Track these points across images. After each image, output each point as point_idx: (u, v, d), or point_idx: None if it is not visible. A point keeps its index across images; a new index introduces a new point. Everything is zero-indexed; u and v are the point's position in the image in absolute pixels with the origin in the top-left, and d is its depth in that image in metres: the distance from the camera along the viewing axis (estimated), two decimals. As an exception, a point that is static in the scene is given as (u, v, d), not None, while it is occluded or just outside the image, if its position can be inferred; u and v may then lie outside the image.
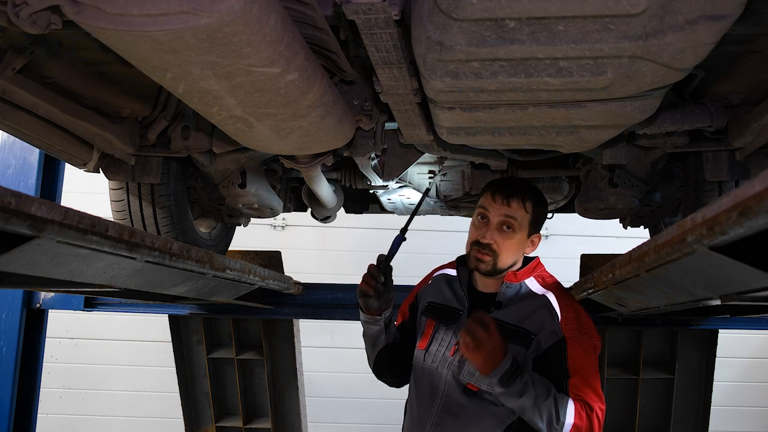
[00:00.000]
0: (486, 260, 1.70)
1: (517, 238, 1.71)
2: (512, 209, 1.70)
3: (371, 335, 1.86)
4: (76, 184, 4.73)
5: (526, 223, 1.71)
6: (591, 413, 1.56)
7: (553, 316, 1.65)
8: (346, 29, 1.60)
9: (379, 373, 1.93)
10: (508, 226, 1.70)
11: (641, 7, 1.14)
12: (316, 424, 5.33)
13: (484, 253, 1.70)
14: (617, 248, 2.89)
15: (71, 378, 6.29)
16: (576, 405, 1.55)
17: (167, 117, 2.27)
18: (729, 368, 5.88)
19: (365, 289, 1.76)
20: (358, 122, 2.02)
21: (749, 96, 1.96)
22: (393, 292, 1.81)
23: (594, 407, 1.57)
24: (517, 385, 1.51)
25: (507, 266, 1.73)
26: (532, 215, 1.72)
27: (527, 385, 1.52)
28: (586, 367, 1.61)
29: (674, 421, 3.49)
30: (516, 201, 1.70)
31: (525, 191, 1.73)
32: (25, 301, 3.33)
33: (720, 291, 1.36)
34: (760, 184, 0.83)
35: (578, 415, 1.54)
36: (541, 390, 1.54)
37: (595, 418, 1.56)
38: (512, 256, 1.73)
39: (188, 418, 3.80)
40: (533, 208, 1.72)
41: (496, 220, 1.70)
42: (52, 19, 1.19)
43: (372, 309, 1.80)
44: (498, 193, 1.72)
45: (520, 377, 1.52)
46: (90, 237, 1.22)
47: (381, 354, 1.87)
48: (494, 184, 1.78)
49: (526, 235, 1.73)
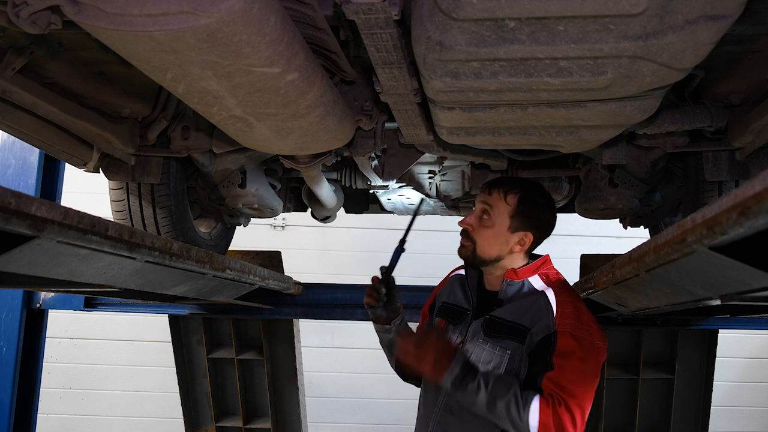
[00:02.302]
0: (465, 245, 1.74)
1: (495, 229, 1.70)
2: (491, 198, 1.72)
3: (386, 344, 1.91)
4: (76, 184, 4.73)
5: (506, 216, 1.70)
6: (560, 407, 1.47)
7: (548, 310, 1.61)
8: (346, 29, 1.60)
9: (403, 377, 1.95)
10: (485, 213, 1.72)
11: (641, 7, 1.14)
12: (316, 424, 5.33)
13: (463, 239, 1.76)
14: (617, 248, 2.89)
15: (71, 378, 6.29)
16: (542, 401, 1.48)
17: (167, 117, 2.27)
18: (729, 368, 5.88)
19: (369, 301, 1.82)
20: (358, 122, 2.02)
21: (749, 96, 1.96)
22: (400, 301, 1.87)
23: (568, 402, 1.48)
24: (470, 386, 1.50)
25: (489, 257, 1.72)
26: (515, 209, 1.70)
27: (480, 386, 1.50)
28: (573, 364, 1.53)
29: (674, 421, 3.49)
30: (497, 191, 1.72)
31: (511, 185, 1.73)
32: (25, 301, 3.33)
33: (720, 291, 1.36)
34: (760, 184, 0.83)
35: (543, 411, 1.47)
36: (500, 389, 1.50)
37: (566, 413, 1.47)
38: (491, 247, 1.71)
39: (188, 418, 3.80)
40: (517, 202, 1.70)
41: (478, 208, 1.75)
42: (52, 19, 1.19)
43: (381, 319, 1.86)
44: (486, 184, 1.77)
45: (472, 379, 1.51)
46: (90, 237, 1.22)
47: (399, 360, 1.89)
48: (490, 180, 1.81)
49: (507, 228, 1.70)
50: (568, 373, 1.52)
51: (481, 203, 1.75)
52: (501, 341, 1.63)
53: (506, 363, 1.61)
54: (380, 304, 1.82)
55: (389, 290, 1.83)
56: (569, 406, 1.48)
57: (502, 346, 1.63)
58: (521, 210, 1.71)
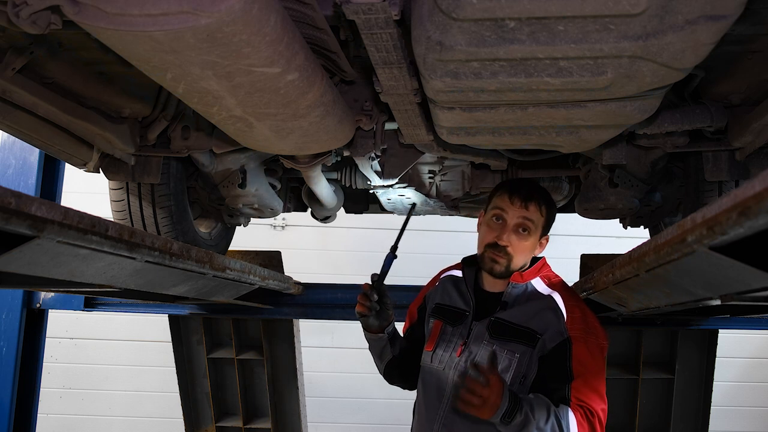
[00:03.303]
0: (501, 262, 1.71)
1: (531, 241, 1.72)
2: (530, 212, 1.70)
3: (377, 350, 1.89)
4: (76, 184, 4.72)
5: (541, 226, 1.73)
6: (593, 418, 1.56)
7: (558, 316, 1.65)
8: (346, 29, 1.60)
9: (391, 380, 1.96)
10: (524, 228, 1.70)
11: (641, 7, 1.14)
12: (316, 424, 5.33)
13: (499, 255, 1.70)
14: (617, 248, 2.89)
15: (71, 378, 6.28)
16: (577, 415, 1.55)
17: (167, 117, 2.27)
18: (729, 368, 5.87)
19: (362, 310, 1.80)
20: (358, 122, 2.02)
21: (749, 96, 1.95)
22: (392, 308, 1.84)
23: (596, 410, 1.57)
24: (518, 419, 1.48)
25: (518, 268, 1.74)
26: (546, 219, 1.74)
27: (527, 416, 1.49)
28: (590, 368, 1.60)
29: (674, 421, 3.49)
30: (534, 204, 1.71)
31: (541, 195, 1.74)
32: (25, 301, 3.33)
33: (720, 291, 1.36)
34: (760, 184, 0.83)
35: (580, 425, 1.54)
36: (541, 414, 1.51)
37: (597, 422, 1.56)
38: (524, 258, 1.74)
39: (188, 418, 3.80)
40: (547, 211, 1.74)
41: (514, 222, 1.70)
42: (52, 19, 1.19)
43: (373, 328, 1.84)
44: (516, 195, 1.71)
45: (519, 411, 1.49)
46: (90, 237, 1.22)
47: (389, 365, 1.90)
48: (510, 186, 1.76)
49: (539, 238, 1.74)
50: (589, 380, 1.59)
51: (518, 218, 1.69)
52: (509, 344, 1.65)
53: (515, 366, 1.63)
54: (372, 312, 1.79)
55: (381, 298, 1.80)
56: (598, 413, 1.58)
57: (510, 350, 1.64)
58: (549, 216, 1.75)
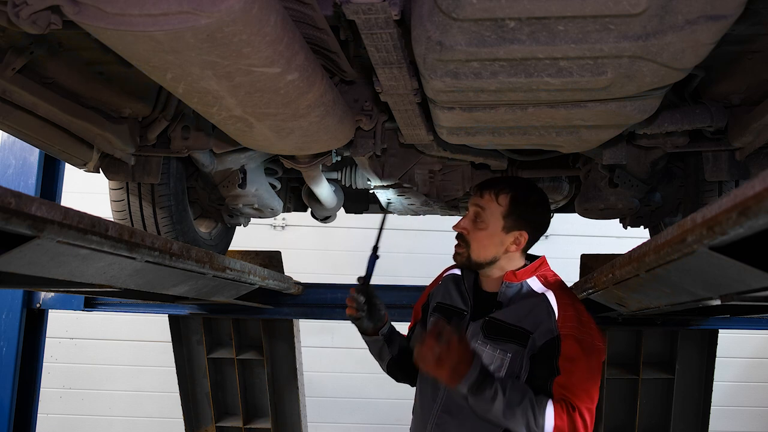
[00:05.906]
0: (460, 251, 1.74)
1: (489, 231, 1.70)
2: (483, 200, 1.72)
3: (375, 352, 1.90)
4: (76, 184, 4.73)
5: (499, 216, 1.70)
6: (573, 412, 1.50)
7: (550, 313, 1.62)
8: (346, 29, 1.60)
9: (396, 379, 1.96)
10: (477, 215, 1.72)
11: (641, 7, 1.14)
12: (316, 424, 5.33)
13: (458, 245, 1.75)
14: (617, 248, 2.89)
15: (71, 378, 6.29)
16: (556, 406, 1.50)
17: (167, 117, 2.27)
18: (729, 368, 5.87)
19: (352, 314, 1.81)
20: (358, 122, 2.02)
21: (749, 96, 1.95)
22: (383, 309, 1.84)
23: (579, 406, 1.51)
24: (487, 393, 1.47)
25: (485, 260, 1.72)
26: (508, 209, 1.70)
27: (497, 392, 1.47)
28: (579, 366, 1.55)
29: (674, 421, 3.49)
30: (489, 193, 1.72)
31: (503, 185, 1.73)
32: (25, 301, 3.33)
33: (720, 291, 1.36)
34: (760, 184, 0.83)
35: (558, 416, 1.49)
36: (515, 395, 1.49)
37: (578, 418, 1.50)
38: (486, 249, 1.71)
39: (188, 418, 3.80)
40: (509, 202, 1.70)
41: (471, 210, 1.75)
42: (52, 19, 1.19)
43: (367, 330, 1.84)
44: (477, 186, 1.77)
45: (489, 385, 1.47)
46: (90, 237, 1.22)
47: (390, 366, 1.90)
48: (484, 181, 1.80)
49: (501, 229, 1.70)
50: (576, 376, 1.55)
51: (473, 206, 1.74)
52: (501, 344, 1.63)
53: (507, 366, 1.61)
54: (363, 314, 1.80)
55: (369, 299, 1.80)
56: (581, 409, 1.52)
57: (503, 349, 1.63)
58: (514, 209, 1.71)
